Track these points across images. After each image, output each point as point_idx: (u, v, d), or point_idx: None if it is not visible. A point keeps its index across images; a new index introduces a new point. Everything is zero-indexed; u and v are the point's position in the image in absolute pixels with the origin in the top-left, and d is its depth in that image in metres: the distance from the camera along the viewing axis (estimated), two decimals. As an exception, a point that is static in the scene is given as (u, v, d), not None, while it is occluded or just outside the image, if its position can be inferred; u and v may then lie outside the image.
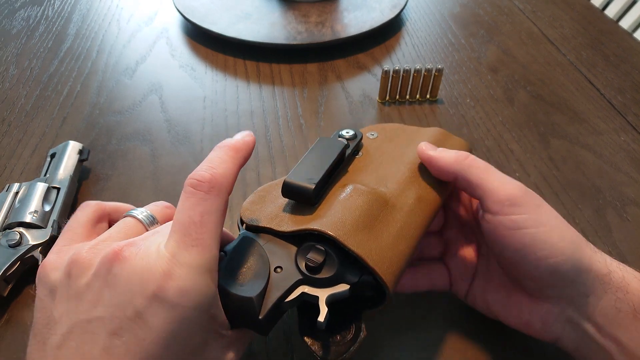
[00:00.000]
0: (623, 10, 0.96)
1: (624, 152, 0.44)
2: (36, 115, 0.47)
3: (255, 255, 0.23)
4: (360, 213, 0.24)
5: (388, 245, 0.23)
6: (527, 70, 0.55)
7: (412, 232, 0.25)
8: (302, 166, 0.26)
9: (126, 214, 0.25)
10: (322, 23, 0.58)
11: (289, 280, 0.22)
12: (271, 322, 0.22)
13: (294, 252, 0.23)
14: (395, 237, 0.24)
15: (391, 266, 0.23)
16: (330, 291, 0.22)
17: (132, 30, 0.61)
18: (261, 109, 0.48)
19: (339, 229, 0.23)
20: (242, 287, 0.22)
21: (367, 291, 0.23)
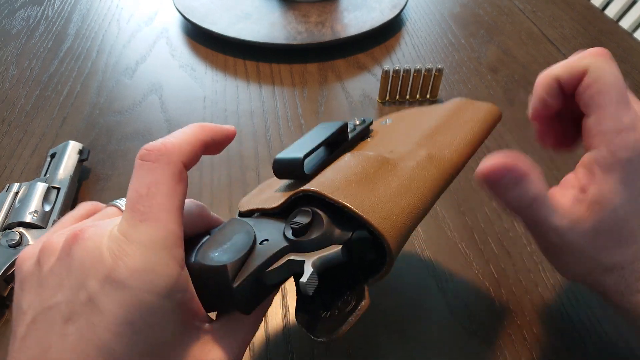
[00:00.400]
0: (623, 10, 0.96)
1: (624, 152, 0.44)
2: (36, 115, 0.47)
3: (241, 232, 0.21)
4: (352, 171, 0.21)
5: (386, 197, 0.20)
6: (527, 70, 0.55)
7: (419, 186, 0.21)
8: (295, 145, 0.24)
9: (109, 203, 0.23)
10: (322, 23, 0.58)
11: (273, 248, 0.19)
12: (252, 297, 0.19)
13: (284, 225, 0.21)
14: (396, 190, 0.21)
15: (389, 217, 0.19)
16: (319, 254, 0.19)
17: (132, 30, 0.61)
18: (261, 109, 0.48)
19: (326, 185, 0.20)
20: (216, 258, 0.19)
21: (366, 253, 0.20)
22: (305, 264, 0.18)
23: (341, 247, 0.19)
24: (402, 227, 0.20)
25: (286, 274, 0.19)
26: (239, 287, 0.18)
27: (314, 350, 0.29)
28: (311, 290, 0.18)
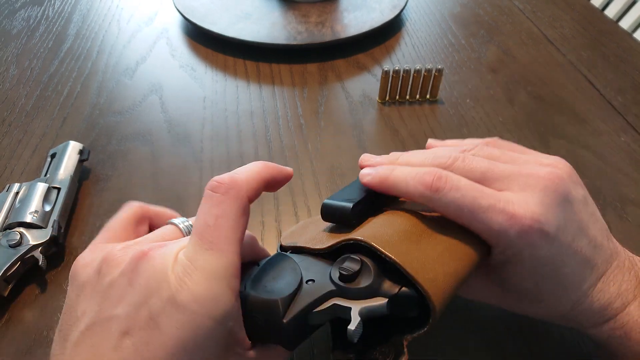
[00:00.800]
0: (623, 11, 0.96)
1: (624, 153, 0.44)
2: (36, 115, 0.47)
3: (288, 268, 0.22)
4: (401, 228, 0.22)
5: (434, 259, 0.21)
6: (527, 70, 0.55)
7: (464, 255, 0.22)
8: (343, 192, 0.26)
9: (168, 222, 0.24)
10: (322, 23, 0.58)
11: (320, 290, 0.20)
12: (297, 334, 0.21)
13: (330, 268, 0.22)
14: (442, 254, 0.21)
15: (437, 280, 0.20)
16: (364, 303, 0.20)
17: (132, 30, 0.61)
18: (261, 109, 0.48)
19: (377, 237, 0.21)
20: (268, 291, 0.20)
21: (409, 310, 0.20)
22: (352, 312, 0.19)
23: (387, 300, 0.20)
24: (447, 290, 0.20)
25: (330, 317, 0.20)
26: (288, 323, 0.20)
27: (314, 350, 0.29)
28: (357, 338, 0.19)
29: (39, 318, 0.31)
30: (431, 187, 0.23)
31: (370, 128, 0.46)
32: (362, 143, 0.44)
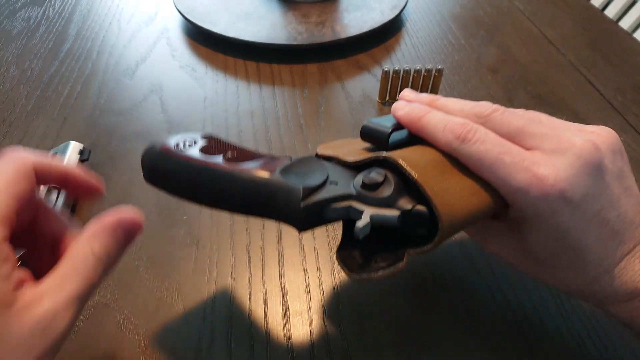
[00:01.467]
0: (623, 11, 0.96)
1: (624, 152, 0.44)
2: (37, 115, 0.47)
3: (317, 167, 0.23)
4: (433, 157, 0.23)
5: (454, 190, 0.22)
6: (527, 70, 0.55)
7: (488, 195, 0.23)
8: (384, 118, 0.26)
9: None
10: (322, 23, 0.58)
11: (340, 190, 0.22)
12: (310, 220, 0.22)
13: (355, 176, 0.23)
14: (467, 188, 0.23)
15: (452, 205, 0.21)
16: (377, 210, 0.21)
17: (133, 30, 0.61)
18: (261, 109, 0.48)
19: (406, 158, 0.22)
20: (294, 179, 0.22)
21: (419, 227, 0.22)
22: (365, 213, 0.21)
23: (400, 213, 0.21)
24: (458, 218, 0.21)
25: (344, 216, 0.22)
26: (304, 207, 0.21)
27: (314, 350, 0.29)
28: (362, 235, 0.20)
29: (40, 318, 0.31)
30: (459, 136, 0.23)
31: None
32: (362, 143, 0.44)
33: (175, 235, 0.36)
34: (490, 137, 0.23)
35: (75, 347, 0.29)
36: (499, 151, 0.22)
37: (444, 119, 0.24)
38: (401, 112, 0.26)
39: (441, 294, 0.32)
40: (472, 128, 0.23)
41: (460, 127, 0.23)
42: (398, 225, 0.21)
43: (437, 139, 0.24)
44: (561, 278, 0.25)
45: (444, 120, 0.24)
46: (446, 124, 0.24)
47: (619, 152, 0.24)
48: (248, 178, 0.22)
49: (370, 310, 0.31)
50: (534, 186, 0.21)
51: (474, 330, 0.30)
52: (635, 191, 0.24)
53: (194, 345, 0.29)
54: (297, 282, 0.33)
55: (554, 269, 0.24)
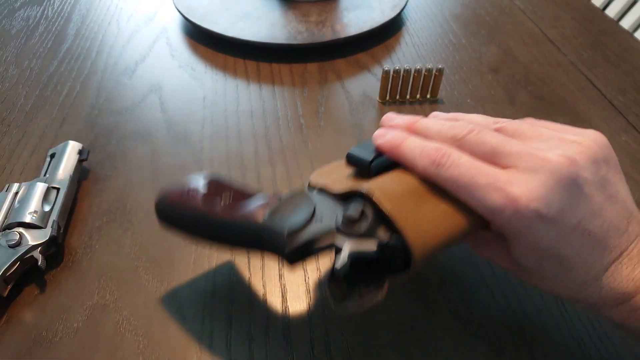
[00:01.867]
0: (624, 10, 0.96)
1: (625, 153, 0.44)
2: (36, 115, 0.47)
3: (304, 205, 0.25)
4: (409, 186, 0.25)
5: (428, 217, 0.23)
6: (528, 70, 0.55)
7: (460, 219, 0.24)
8: (368, 143, 0.28)
9: None
10: (323, 23, 0.58)
11: (324, 229, 0.24)
12: (297, 256, 0.24)
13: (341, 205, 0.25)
14: (440, 214, 0.24)
15: (423, 234, 0.23)
16: (357, 245, 0.23)
17: (132, 30, 0.61)
18: (261, 109, 0.48)
19: (381, 190, 0.24)
20: (279, 223, 0.24)
21: (396, 257, 0.23)
22: (343, 251, 0.23)
23: (377, 246, 0.23)
24: (431, 246, 0.23)
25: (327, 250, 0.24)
26: (289, 252, 0.24)
27: (314, 350, 0.29)
28: (342, 274, 0.22)
29: (39, 318, 0.31)
30: (434, 161, 0.24)
31: (371, 128, 0.46)
32: (362, 143, 0.44)
33: (175, 235, 0.36)
34: (463, 160, 0.24)
35: (75, 347, 0.29)
36: (472, 174, 0.23)
37: (420, 145, 0.25)
38: (381, 140, 0.27)
39: (441, 294, 0.32)
40: (446, 153, 0.24)
41: (435, 152, 0.24)
42: (376, 257, 0.23)
43: (415, 165, 0.25)
44: (551, 286, 0.25)
45: (420, 146, 0.25)
46: (422, 150, 0.25)
47: (602, 161, 0.24)
48: (240, 225, 0.26)
49: (370, 310, 0.31)
50: (507, 206, 0.22)
51: (474, 330, 0.30)
52: (622, 196, 0.24)
53: (194, 345, 0.29)
54: (297, 283, 0.33)
55: (542, 279, 0.25)
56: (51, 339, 0.30)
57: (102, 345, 0.29)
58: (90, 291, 0.32)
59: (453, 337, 0.30)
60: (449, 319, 0.31)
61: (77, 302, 0.31)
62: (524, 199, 0.22)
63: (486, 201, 0.23)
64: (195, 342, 0.29)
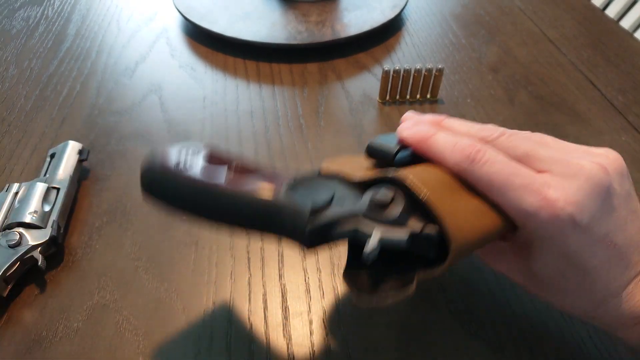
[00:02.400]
0: (624, 10, 0.96)
1: (625, 153, 0.44)
2: (36, 115, 0.47)
3: (322, 185, 0.23)
4: (440, 177, 0.23)
5: (465, 210, 0.22)
6: (528, 70, 0.55)
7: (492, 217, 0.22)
8: (389, 136, 0.26)
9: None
10: (322, 23, 0.58)
11: (348, 211, 0.21)
12: (317, 240, 0.22)
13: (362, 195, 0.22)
14: (475, 209, 0.22)
15: (462, 227, 0.21)
16: (386, 231, 0.20)
17: (132, 30, 0.61)
18: (261, 108, 0.48)
19: (415, 176, 0.22)
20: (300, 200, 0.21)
21: (428, 249, 0.21)
22: (373, 236, 0.20)
23: (409, 235, 0.20)
24: (469, 241, 0.21)
25: (349, 237, 0.21)
26: (310, 232, 0.21)
27: (314, 350, 0.29)
28: (371, 259, 0.20)
29: (38, 318, 0.31)
30: (468, 157, 0.23)
31: (371, 128, 0.46)
32: (362, 143, 0.44)
33: (175, 235, 0.36)
34: (499, 158, 0.23)
35: (74, 347, 0.29)
36: (509, 172, 0.22)
37: (453, 140, 0.24)
38: (408, 132, 0.25)
39: (441, 294, 0.32)
40: (482, 149, 0.23)
41: (469, 148, 0.23)
42: (407, 248, 0.20)
43: (446, 159, 0.24)
44: (569, 301, 0.25)
45: (453, 140, 0.24)
46: (455, 144, 0.24)
47: (626, 176, 0.24)
48: (253, 199, 0.22)
49: (370, 310, 0.31)
50: (544, 209, 0.21)
51: (474, 330, 0.30)
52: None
53: (194, 346, 0.29)
54: (297, 283, 0.33)
55: (562, 292, 0.24)
56: (51, 339, 0.30)
57: (102, 345, 0.29)
58: (90, 291, 0.32)
59: (453, 337, 0.30)
60: (449, 319, 0.31)
61: (77, 302, 0.31)
62: (561, 202, 0.21)
63: (522, 203, 0.22)
64: (195, 342, 0.29)
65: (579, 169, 0.22)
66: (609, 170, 0.22)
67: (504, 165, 0.23)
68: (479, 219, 0.22)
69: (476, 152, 0.23)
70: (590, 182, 0.22)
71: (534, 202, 0.21)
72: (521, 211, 0.22)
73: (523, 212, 0.22)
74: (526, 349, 0.29)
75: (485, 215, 0.22)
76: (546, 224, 0.22)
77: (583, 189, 0.22)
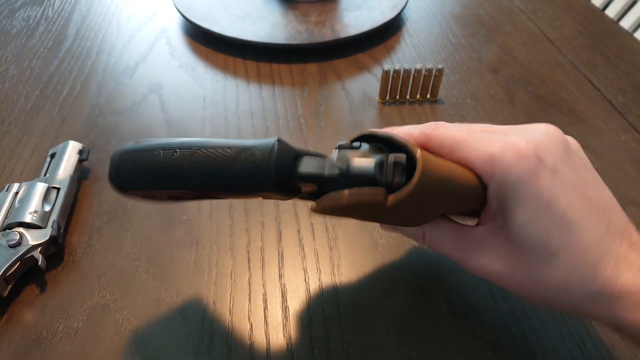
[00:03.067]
0: (624, 10, 0.96)
1: (625, 152, 0.44)
2: (36, 115, 0.47)
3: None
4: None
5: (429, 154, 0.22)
6: (527, 70, 0.55)
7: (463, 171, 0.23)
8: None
9: None
10: (322, 23, 0.58)
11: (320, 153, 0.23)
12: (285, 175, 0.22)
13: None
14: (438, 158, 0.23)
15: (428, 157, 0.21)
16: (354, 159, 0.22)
17: (132, 30, 0.61)
18: (261, 109, 0.48)
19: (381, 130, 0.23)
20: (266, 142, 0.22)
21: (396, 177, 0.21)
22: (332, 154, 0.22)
23: (374, 161, 0.21)
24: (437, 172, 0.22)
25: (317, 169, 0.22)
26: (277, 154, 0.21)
27: (314, 350, 0.29)
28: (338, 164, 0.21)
29: (39, 318, 0.31)
30: (430, 126, 0.25)
31: (371, 128, 0.46)
32: (362, 143, 0.44)
33: (175, 235, 0.36)
34: (458, 125, 0.25)
35: (75, 347, 0.29)
36: (469, 130, 0.24)
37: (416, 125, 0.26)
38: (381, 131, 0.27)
39: (441, 294, 0.32)
40: (443, 123, 0.25)
41: (432, 123, 0.25)
42: (375, 173, 0.21)
43: (412, 132, 0.25)
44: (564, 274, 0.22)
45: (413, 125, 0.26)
46: (416, 126, 0.26)
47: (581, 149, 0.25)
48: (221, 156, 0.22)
49: (370, 310, 0.31)
50: (507, 150, 0.22)
51: (474, 330, 0.30)
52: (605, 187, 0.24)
53: (193, 345, 0.29)
54: (297, 283, 0.33)
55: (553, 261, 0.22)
56: (51, 339, 0.30)
57: (102, 345, 0.29)
58: (90, 291, 0.32)
59: (453, 337, 0.30)
60: (449, 319, 0.31)
61: (77, 302, 0.32)
62: (523, 142, 0.22)
63: (485, 148, 0.22)
64: (195, 342, 0.29)
65: (534, 127, 0.24)
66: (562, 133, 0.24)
67: (465, 127, 0.24)
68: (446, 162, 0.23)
69: (437, 124, 0.25)
70: (547, 133, 0.23)
71: (496, 146, 0.22)
72: (486, 157, 0.22)
73: (488, 156, 0.22)
74: (526, 349, 0.29)
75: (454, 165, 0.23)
76: (513, 164, 0.22)
77: (542, 136, 0.23)
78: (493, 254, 0.24)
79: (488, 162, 0.22)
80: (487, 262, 0.24)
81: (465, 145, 0.23)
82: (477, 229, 0.25)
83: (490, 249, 0.24)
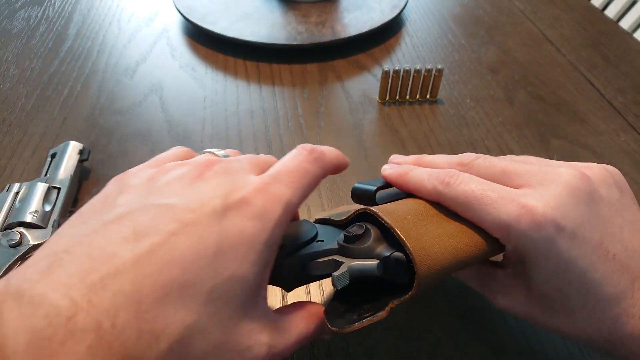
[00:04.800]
0: (623, 11, 0.96)
1: (624, 153, 0.44)
2: (36, 115, 0.47)
3: (306, 228, 0.24)
4: (413, 208, 0.24)
5: (434, 234, 0.22)
6: (527, 70, 0.55)
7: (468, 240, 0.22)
8: (373, 180, 0.28)
9: (204, 151, 0.25)
10: (322, 23, 0.58)
11: (324, 246, 0.23)
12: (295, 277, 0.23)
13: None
14: (445, 233, 0.22)
15: (428, 249, 0.21)
16: (359, 262, 0.22)
17: (133, 30, 0.61)
18: (261, 109, 0.48)
19: (384, 209, 0.23)
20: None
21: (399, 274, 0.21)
22: (342, 265, 0.22)
23: (378, 262, 0.21)
24: (437, 262, 0.21)
25: (327, 270, 0.22)
26: (286, 262, 0.22)
27: (314, 350, 0.29)
28: (339, 285, 0.21)
29: (39, 318, 0.31)
30: (443, 181, 0.23)
31: (371, 128, 0.46)
32: (362, 143, 0.44)
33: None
34: (474, 178, 0.23)
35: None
36: (484, 188, 0.22)
37: (429, 171, 0.25)
38: (388, 172, 0.27)
39: (441, 294, 0.32)
40: (455, 173, 0.24)
41: (444, 174, 0.24)
42: (379, 274, 0.21)
43: (423, 187, 0.24)
44: (579, 325, 0.22)
45: (429, 171, 0.25)
46: (430, 174, 0.24)
47: (614, 186, 0.23)
48: None
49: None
50: (523, 217, 0.21)
51: (474, 330, 0.30)
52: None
53: (194, 345, 0.29)
54: (297, 282, 0.33)
55: (568, 314, 0.22)
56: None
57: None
58: (91, 291, 0.32)
59: (453, 337, 0.30)
60: (449, 319, 0.31)
61: (78, 301, 0.32)
62: (540, 207, 0.20)
63: (500, 214, 0.21)
64: (196, 341, 0.29)
65: (557, 176, 0.22)
66: (590, 177, 0.22)
67: (479, 183, 0.23)
68: (451, 240, 0.22)
69: (450, 176, 0.23)
70: (569, 187, 0.21)
71: (512, 212, 0.21)
72: (501, 223, 0.21)
73: (503, 223, 0.21)
74: (527, 350, 0.29)
75: (458, 236, 0.22)
76: (529, 233, 0.21)
77: (562, 194, 0.21)
78: (515, 297, 0.24)
79: (503, 229, 0.21)
80: (509, 304, 0.25)
81: (480, 207, 0.22)
82: (499, 271, 0.25)
83: (512, 292, 0.24)
